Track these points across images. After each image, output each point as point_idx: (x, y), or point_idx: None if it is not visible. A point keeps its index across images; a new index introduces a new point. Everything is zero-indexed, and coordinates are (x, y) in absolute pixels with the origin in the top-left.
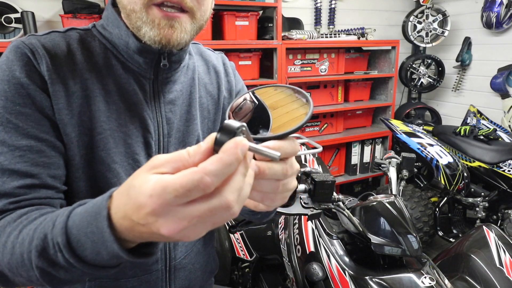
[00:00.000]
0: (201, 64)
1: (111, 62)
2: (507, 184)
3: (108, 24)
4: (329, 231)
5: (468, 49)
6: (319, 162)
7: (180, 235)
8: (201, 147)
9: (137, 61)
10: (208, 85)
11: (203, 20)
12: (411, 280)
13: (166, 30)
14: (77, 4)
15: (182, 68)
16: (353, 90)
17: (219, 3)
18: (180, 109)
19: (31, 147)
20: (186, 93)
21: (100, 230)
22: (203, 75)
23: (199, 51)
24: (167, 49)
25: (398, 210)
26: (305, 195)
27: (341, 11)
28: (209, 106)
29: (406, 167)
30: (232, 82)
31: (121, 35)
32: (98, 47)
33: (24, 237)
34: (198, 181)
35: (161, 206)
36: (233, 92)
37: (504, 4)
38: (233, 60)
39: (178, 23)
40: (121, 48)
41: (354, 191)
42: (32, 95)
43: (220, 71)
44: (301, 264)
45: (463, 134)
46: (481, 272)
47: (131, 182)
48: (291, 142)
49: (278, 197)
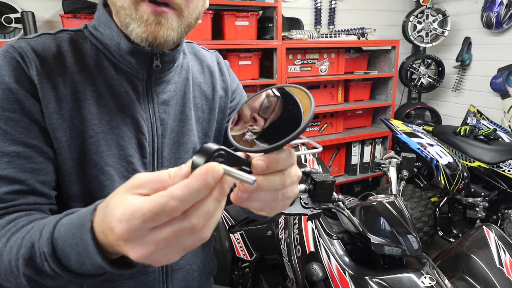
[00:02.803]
0: (196, 63)
1: (103, 64)
2: (507, 184)
3: (100, 24)
4: (329, 231)
5: (468, 49)
6: (319, 162)
7: (150, 259)
8: (182, 169)
9: (129, 61)
10: (202, 84)
11: (191, 18)
12: (411, 280)
13: (153, 26)
14: (77, 4)
15: (175, 68)
16: (353, 90)
17: (219, 3)
18: (174, 110)
19: (19, 153)
20: (180, 93)
21: (84, 242)
22: (197, 74)
23: (193, 50)
24: (154, 46)
25: (398, 210)
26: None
27: (341, 11)
28: (203, 106)
29: (406, 167)
30: (228, 81)
31: (113, 36)
32: (89, 48)
33: (12, 245)
34: (164, 205)
35: (128, 232)
36: (229, 91)
37: (504, 4)
38: (233, 60)
39: (165, 20)
40: (113, 49)
41: (354, 191)
42: (21, 100)
43: (215, 70)
44: (301, 264)
45: (463, 134)
46: (481, 272)
47: (109, 201)
48: (287, 153)
49: (278, 205)
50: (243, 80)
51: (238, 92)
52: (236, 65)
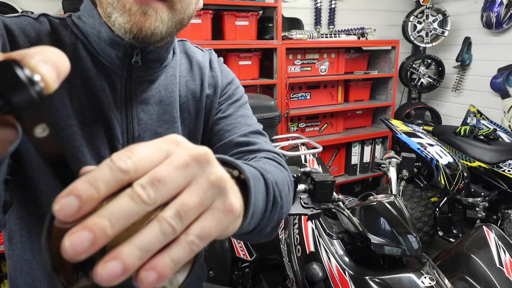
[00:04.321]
0: (185, 61)
1: (80, 54)
2: (507, 184)
3: (84, 14)
4: (329, 231)
5: (468, 49)
6: (319, 162)
7: None
8: None
9: (108, 54)
10: (189, 82)
11: (184, 14)
12: (411, 280)
13: (138, 16)
14: (77, 4)
15: (162, 68)
16: (353, 90)
17: (219, 3)
18: (158, 110)
19: None
20: (165, 92)
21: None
22: (185, 72)
23: (184, 48)
24: (139, 39)
25: (398, 210)
26: (305, 195)
27: (341, 11)
28: (189, 106)
29: (406, 167)
30: (217, 77)
31: (95, 24)
32: (68, 37)
33: None
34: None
35: None
36: (218, 87)
37: (504, 4)
38: (233, 60)
39: (153, 10)
40: (93, 40)
41: (354, 191)
42: None
43: (205, 66)
44: (301, 264)
45: (463, 134)
46: (481, 272)
47: None
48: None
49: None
50: (243, 80)
51: (231, 88)
52: (236, 65)
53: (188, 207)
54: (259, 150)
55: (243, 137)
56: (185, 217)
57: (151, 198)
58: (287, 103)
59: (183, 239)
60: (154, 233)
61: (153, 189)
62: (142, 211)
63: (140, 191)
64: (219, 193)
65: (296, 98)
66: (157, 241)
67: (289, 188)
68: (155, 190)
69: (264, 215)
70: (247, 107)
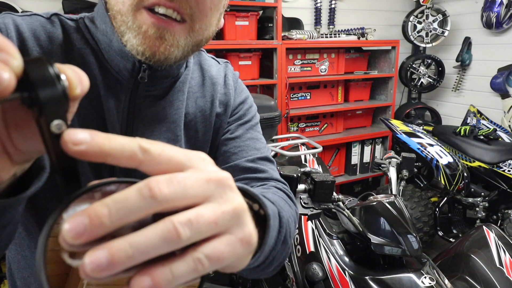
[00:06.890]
0: (197, 75)
1: (89, 60)
2: (507, 184)
3: (97, 18)
4: (329, 231)
5: (468, 49)
6: (319, 162)
7: None
8: None
9: (117, 64)
10: (199, 99)
11: (202, 35)
12: (411, 280)
13: (153, 40)
14: (77, 4)
15: (170, 83)
16: (353, 90)
17: None
18: (160, 127)
19: None
20: (170, 109)
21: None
22: (196, 88)
23: (199, 59)
24: (151, 62)
25: (398, 210)
26: (305, 195)
27: (341, 11)
28: (197, 124)
29: (406, 167)
30: (230, 95)
31: (107, 31)
32: (78, 41)
33: None
34: None
35: None
36: (230, 107)
37: (504, 4)
38: (233, 60)
39: (170, 35)
40: (103, 47)
41: (354, 191)
42: None
43: (218, 82)
44: (301, 264)
45: (463, 134)
46: (481, 272)
47: None
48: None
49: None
50: (243, 80)
51: (243, 107)
52: (236, 65)
53: (202, 220)
54: (268, 178)
55: (251, 162)
56: (196, 228)
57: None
58: (287, 103)
59: (190, 254)
60: (155, 233)
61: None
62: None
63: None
64: (237, 221)
65: (296, 98)
66: (156, 243)
67: (295, 226)
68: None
69: (271, 253)
70: (258, 128)
